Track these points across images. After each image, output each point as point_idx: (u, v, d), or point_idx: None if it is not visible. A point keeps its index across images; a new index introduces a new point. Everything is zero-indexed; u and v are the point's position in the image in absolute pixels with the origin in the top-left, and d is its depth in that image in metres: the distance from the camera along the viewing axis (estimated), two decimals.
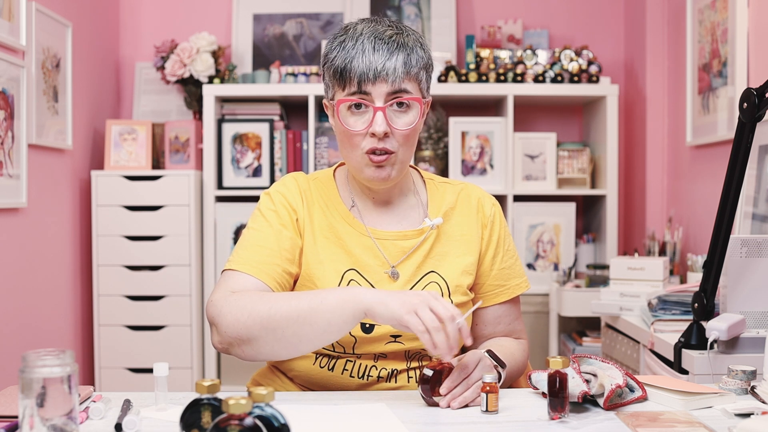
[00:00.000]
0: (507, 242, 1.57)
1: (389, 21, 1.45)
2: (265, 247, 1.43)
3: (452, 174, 3.30)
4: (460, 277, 1.49)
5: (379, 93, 1.38)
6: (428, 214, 1.53)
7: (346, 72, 1.39)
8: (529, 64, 3.32)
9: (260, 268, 1.40)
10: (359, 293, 1.27)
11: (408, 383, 1.45)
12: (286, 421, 0.96)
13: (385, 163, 1.42)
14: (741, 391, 1.36)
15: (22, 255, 2.65)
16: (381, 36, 1.40)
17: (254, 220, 1.49)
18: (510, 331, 1.58)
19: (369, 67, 1.37)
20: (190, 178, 3.19)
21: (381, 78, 1.37)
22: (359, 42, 1.39)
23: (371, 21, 1.45)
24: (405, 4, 3.54)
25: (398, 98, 1.39)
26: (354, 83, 1.38)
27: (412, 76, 1.40)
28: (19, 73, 2.57)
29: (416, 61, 1.41)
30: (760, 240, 1.77)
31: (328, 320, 1.27)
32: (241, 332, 1.30)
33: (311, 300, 1.29)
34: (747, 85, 2.44)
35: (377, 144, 1.40)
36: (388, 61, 1.37)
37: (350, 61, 1.38)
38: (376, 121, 1.38)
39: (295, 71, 3.33)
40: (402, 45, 1.40)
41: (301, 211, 1.49)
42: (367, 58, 1.38)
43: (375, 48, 1.38)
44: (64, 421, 1.02)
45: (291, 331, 1.28)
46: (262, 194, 1.53)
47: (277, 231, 1.45)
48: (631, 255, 3.07)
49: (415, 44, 1.42)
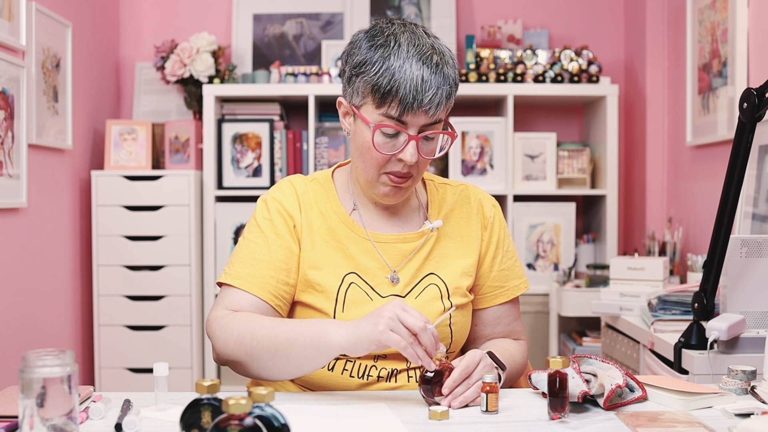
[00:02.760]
0: (507, 243, 1.57)
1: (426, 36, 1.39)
2: (260, 260, 1.44)
3: (452, 174, 3.30)
4: (460, 279, 1.49)
5: (417, 123, 1.36)
6: (428, 217, 1.53)
7: (390, 95, 1.34)
8: (529, 64, 3.32)
9: (255, 282, 1.42)
10: (330, 332, 1.28)
11: (408, 383, 1.45)
12: (286, 421, 0.96)
13: (404, 185, 1.43)
14: (741, 391, 1.36)
15: (22, 255, 2.65)
16: (428, 62, 1.34)
17: (250, 229, 1.49)
18: (509, 331, 1.58)
19: (416, 98, 1.33)
20: (190, 178, 3.19)
21: (422, 110, 1.34)
22: (407, 63, 1.33)
23: (411, 33, 1.38)
24: (405, 4, 3.54)
25: (431, 130, 1.37)
26: (395, 109, 1.34)
27: (447, 106, 1.38)
28: (19, 73, 2.57)
29: (455, 90, 1.38)
30: (760, 240, 1.77)
31: (303, 356, 1.31)
32: (230, 356, 1.38)
33: (288, 334, 1.32)
34: (747, 85, 2.44)
35: (402, 169, 1.39)
36: (434, 96, 1.33)
37: (396, 86, 1.33)
38: (408, 150, 1.36)
39: (295, 71, 3.33)
40: (447, 75, 1.35)
41: (298, 217, 1.48)
42: (414, 86, 1.33)
43: (424, 78, 1.33)
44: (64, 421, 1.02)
45: (272, 362, 1.34)
46: (258, 200, 1.52)
47: (271, 241, 1.45)
48: (631, 255, 3.07)
49: (453, 67, 1.38)
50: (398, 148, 1.37)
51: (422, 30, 1.41)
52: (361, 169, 1.45)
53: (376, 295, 1.44)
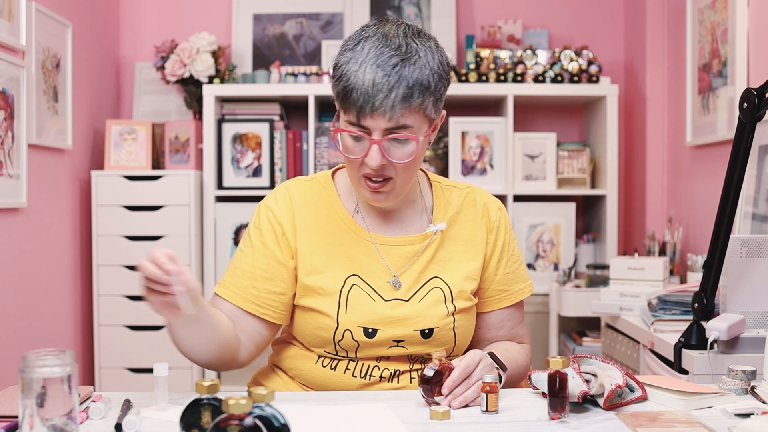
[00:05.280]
0: (512, 247, 1.56)
1: (402, 36, 1.35)
2: (243, 270, 1.47)
3: (452, 174, 3.30)
4: (464, 283, 1.48)
5: (377, 126, 1.33)
6: (433, 219, 1.51)
7: (346, 100, 1.34)
8: (529, 64, 3.32)
9: (236, 292, 1.46)
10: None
11: (410, 383, 1.45)
12: (286, 421, 0.96)
13: (382, 189, 1.40)
14: (741, 391, 1.36)
15: (22, 255, 2.65)
16: (384, 64, 1.31)
17: (243, 239, 1.52)
18: (513, 335, 1.58)
19: (367, 101, 1.31)
20: (190, 178, 3.19)
21: (378, 113, 1.31)
22: (362, 68, 1.32)
23: (381, 37, 1.34)
24: (405, 4, 3.54)
25: (395, 135, 1.34)
26: (353, 114, 1.34)
27: (414, 109, 1.33)
28: (19, 73, 2.57)
29: (419, 93, 1.32)
30: (760, 240, 1.77)
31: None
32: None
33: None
34: (747, 85, 2.44)
35: (372, 171, 1.37)
36: (386, 98, 1.30)
37: (351, 90, 1.32)
38: (370, 154, 1.35)
39: (295, 71, 3.32)
40: (405, 76, 1.31)
41: (288, 224, 1.47)
42: (365, 90, 1.31)
43: (375, 81, 1.30)
44: (64, 421, 1.02)
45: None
46: (255, 207, 1.54)
47: (256, 251, 1.47)
48: (631, 255, 3.07)
49: (423, 67, 1.33)
50: (365, 152, 1.36)
51: (404, 29, 1.36)
52: (348, 173, 1.46)
53: (378, 298, 1.44)
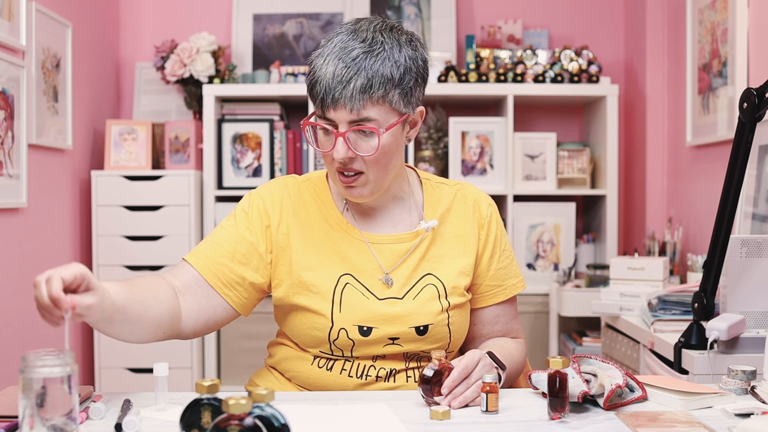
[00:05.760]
0: (503, 242, 1.57)
1: (370, 31, 1.37)
2: (221, 245, 1.46)
3: (452, 174, 3.30)
4: (457, 279, 1.48)
5: (341, 119, 1.34)
6: (424, 216, 1.52)
7: (312, 92, 1.37)
8: (529, 64, 3.32)
9: (208, 265, 1.44)
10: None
11: (406, 383, 1.45)
12: (286, 421, 0.96)
13: (354, 184, 1.41)
14: (741, 391, 1.36)
15: (22, 255, 2.65)
16: (346, 57, 1.33)
17: (227, 217, 1.51)
18: (508, 330, 1.58)
19: (328, 92, 1.33)
20: (190, 178, 3.19)
21: (340, 105, 1.33)
22: (326, 61, 1.35)
23: (351, 32, 1.37)
24: (405, 4, 3.54)
25: (359, 126, 1.35)
26: (318, 107, 1.37)
27: (376, 101, 1.33)
28: (19, 73, 2.57)
29: (380, 84, 1.33)
30: (760, 240, 1.77)
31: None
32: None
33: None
34: (747, 85, 2.44)
35: (340, 165, 1.39)
36: (345, 89, 1.32)
37: (315, 83, 1.35)
38: (336, 147, 1.36)
39: (295, 71, 3.32)
40: (365, 68, 1.32)
41: (276, 219, 1.48)
42: (327, 82, 1.33)
43: (335, 73, 1.32)
44: (64, 421, 1.02)
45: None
46: (246, 193, 1.54)
47: (239, 234, 1.46)
48: (631, 255, 3.07)
49: (385, 60, 1.33)
50: (332, 145, 1.38)
51: (375, 25, 1.38)
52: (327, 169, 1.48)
53: (372, 296, 1.44)
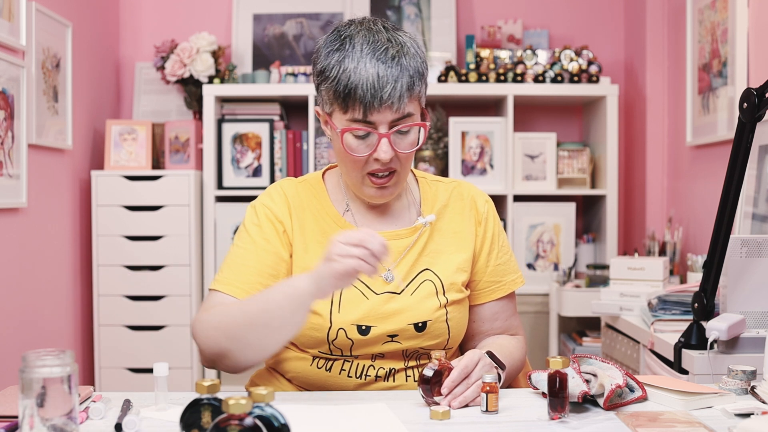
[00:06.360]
0: (501, 238, 1.57)
1: (384, 31, 1.38)
2: (247, 266, 1.44)
3: (452, 174, 3.30)
4: (455, 275, 1.49)
5: (384, 119, 1.35)
6: (421, 213, 1.53)
7: (349, 98, 1.34)
8: (529, 64, 3.32)
9: (241, 287, 1.42)
10: (298, 285, 1.27)
11: (406, 382, 1.45)
12: (286, 421, 0.96)
13: (388, 184, 1.42)
14: (741, 391, 1.36)
15: (22, 255, 2.65)
16: (383, 58, 1.34)
17: (239, 236, 1.49)
18: (507, 327, 1.58)
19: (374, 95, 1.32)
20: (190, 178, 3.19)
21: (386, 106, 1.34)
22: (360, 64, 1.33)
23: (367, 30, 1.38)
24: (405, 4, 3.54)
25: (402, 125, 1.37)
26: (358, 111, 1.35)
27: (414, 97, 1.37)
28: (19, 73, 2.57)
29: (418, 80, 1.37)
30: (760, 240, 1.77)
31: (280, 316, 1.28)
32: (214, 348, 1.35)
33: (259, 302, 1.31)
34: (747, 85, 2.44)
35: (381, 166, 1.39)
36: (393, 90, 1.33)
37: (354, 88, 1.33)
38: (381, 148, 1.36)
39: (295, 71, 3.32)
40: (405, 66, 1.34)
41: (288, 221, 1.48)
42: (371, 84, 1.32)
43: (379, 74, 1.32)
44: (64, 421, 1.02)
45: (252, 336, 1.31)
46: (248, 207, 1.52)
47: (259, 247, 1.45)
48: (631, 255, 3.07)
49: (414, 57, 1.37)
50: (372, 148, 1.37)
51: (381, 24, 1.40)
52: (345, 174, 1.46)
53: (371, 293, 1.44)
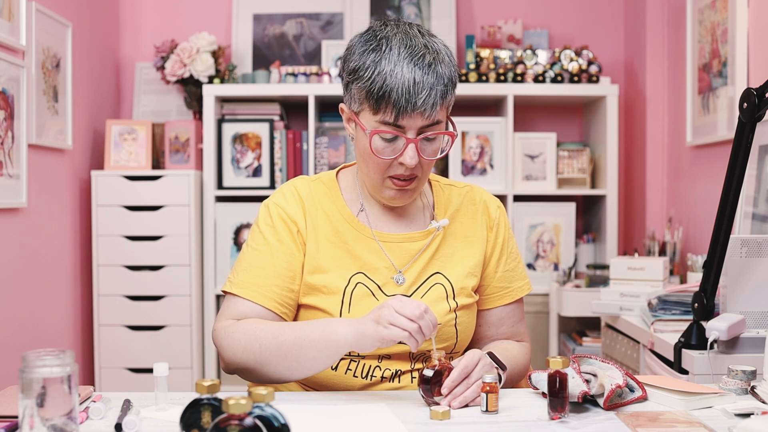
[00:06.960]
0: (511, 244, 1.58)
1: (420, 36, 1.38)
2: (263, 269, 1.44)
3: (452, 174, 3.30)
4: (465, 279, 1.49)
5: (414, 125, 1.35)
6: (435, 216, 1.53)
7: (383, 100, 1.34)
8: (529, 64, 3.32)
9: (259, 291, 1.43)
10: (338, 332, 1.29)
11: (411, 383, 1.45)
12: (286, 421, 0.96)
13: (408, 187, 1.43)
14: (741, 391, 1.36)
15: (22, 255, 2.65)
16: (420, 64, 1.33)
17: (252, 237, 1.49)
18: (513, 333, 1.58)
19: (409, 100, 1.32)
20: (190, 178, 3.19)
21: (418, 112, 1.34)
22: (397, 68, 1.33)
23: (404, 34, 1.37)
24: (405, 4, 3.54)
25: (431, 131, 1.37)
26: (390, 114, 1.35)
27: (445, 105, 1.38)
28: (19, 73, 2.57)
29: (451, 89, 1.37)
30: (760, 240, 1.77)
31: (313, 356, 1.32)
32: (240, 364, 1.39)
33: (296, 337, 1.33)
34: (747, 85, 2.44)
35: (405, 172, 1.39)
36: (428, 97, 1.33)
37: (390, 90, 1.33)
38: (407, 153, 1.36)
39: (295, 71, 3.32)
40: (440, 74, 1.35)
41: (302, 221, 1.47)
42: (406, 89, 1.32)
43: (416, 80, 1.32)
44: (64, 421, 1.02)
45: (282, 366, 1.35)
46: (261, 206, 1.52)
47: (274, 248, 1.45)
48: (631, 255, 3.07)
49: (449, 65, 1.37)
50: (398, 152, 1.37)
51: (417, 29, 1.40)
52: (365, 174, 1.45)
53: (381, 295, 1.44)
